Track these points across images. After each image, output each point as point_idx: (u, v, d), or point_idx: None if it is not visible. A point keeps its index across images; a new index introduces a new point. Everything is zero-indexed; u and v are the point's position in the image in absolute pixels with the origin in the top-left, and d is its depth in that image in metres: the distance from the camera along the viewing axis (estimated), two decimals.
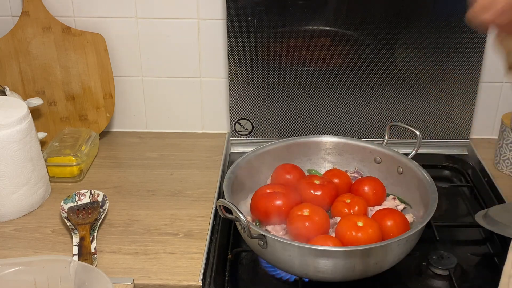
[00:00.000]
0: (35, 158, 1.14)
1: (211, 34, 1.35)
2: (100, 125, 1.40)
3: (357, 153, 1.21)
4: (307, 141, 1.23)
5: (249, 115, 1.41)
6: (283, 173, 1.16)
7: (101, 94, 1.38)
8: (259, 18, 1.30)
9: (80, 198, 1.15)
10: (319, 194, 1.08)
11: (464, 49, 1.32)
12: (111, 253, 1.04)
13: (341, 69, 1.35)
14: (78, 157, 1.25)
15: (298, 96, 1.38)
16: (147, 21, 1.35)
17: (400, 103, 1.38)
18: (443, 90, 1.37)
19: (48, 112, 1.39)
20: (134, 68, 1.40)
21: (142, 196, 1.21)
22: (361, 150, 1.20)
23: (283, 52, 1.34)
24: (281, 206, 1.04)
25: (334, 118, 1.40)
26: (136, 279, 0.98)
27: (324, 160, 1.23)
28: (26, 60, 1.34)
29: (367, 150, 1.20)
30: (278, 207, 1.04)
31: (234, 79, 1.37)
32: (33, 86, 1.36)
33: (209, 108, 1.44)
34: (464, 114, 1.39)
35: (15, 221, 1.13)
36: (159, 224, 1.12)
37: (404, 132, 1.19)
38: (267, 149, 1.19)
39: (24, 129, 1.09)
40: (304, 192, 1.09)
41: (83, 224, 1.08)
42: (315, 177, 1.13)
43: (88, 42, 1.33)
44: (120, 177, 1.28)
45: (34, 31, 1.32)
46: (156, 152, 1.39)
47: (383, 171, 1.18)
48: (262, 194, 1.07)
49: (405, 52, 1.33)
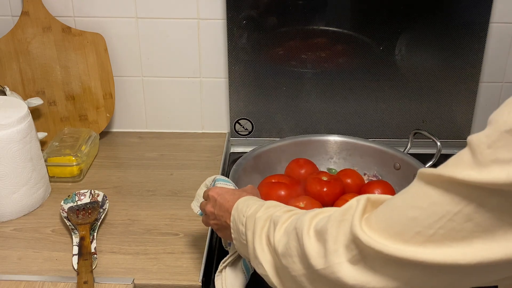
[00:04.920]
0: (35, 158, 1.14)
1: (211, 34, 1.35)
2: (100, 125, 1.40)
3: (378, 157, 1.21)
4: (329, 140, 1.26)
5: (249, 115, 1.41)
6: (296, 166, 1.19)
7: (101, 94, 1.38)
8: (259, 18, 1.30)
9: (80, 198, 1.15)
10: (324, 190, 1.10)
11: (464, 49, 1.32)
12: (111, 253, 1.04)
13: (341, 69, 1.35)
14: (78, 157, 1.25)
15: (298, 96, 1.38)
16: (147, 21, 1.35)
17: (400, 103, 1.38)
18: (443, 90, 1.37)
19: (48, 112, 1.39)
20: (134, 68, 1.40)
21: (142, 196, 1.21)
22: (382, 154, 1.21)
23: (283, 52, 1.34)
24: (282, 196, 1.07)
25: (334, 118, 1.40)
26: (136, 279, 0.98)
27: (345, 160, 1.24)
28: (26, 60, 1.34)
29: (387, 155, 1.20)
30: (279, 197, 1.06)
31: (234, 79, 1.37)
32: (33, 86, 1.36)
33: (209, 108, 1.44)
34: (464, 114, 1.39)
35: (15, 221, 1.13)
36: (159, 224, 1.12)
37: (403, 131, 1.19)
38: (286, 142, 1.25)
39: (24, 129, 1.09)
40: (310, 186, 1.11)
41: (83, 224, 1.08)
42: (324, 173, 1.14)
43: (88, 42, 1.33)
44: (120, 177, 1.28)
45: (34, 31, 1.32)
46: (156, 152, 1.39)
47: (401, 177, 1.18)
48: (267, 182, 1.12)
49: (406, 52, 1.33)
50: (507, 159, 0.47)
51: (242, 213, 0.78)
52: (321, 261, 0.61)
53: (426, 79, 1.36)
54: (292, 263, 0.66)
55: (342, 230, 0.60)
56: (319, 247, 0.62)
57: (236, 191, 0.87)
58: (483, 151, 0.49)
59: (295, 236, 0.66)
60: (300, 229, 0.65)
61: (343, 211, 0.61)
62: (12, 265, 1.01)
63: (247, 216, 0.76)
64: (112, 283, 0.96)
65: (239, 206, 0.80)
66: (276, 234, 0.70)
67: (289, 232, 0.68)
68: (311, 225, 0.65)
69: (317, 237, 0.63)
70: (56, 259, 1.02)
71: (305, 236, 0.64)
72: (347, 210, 0.61)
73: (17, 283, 0.96)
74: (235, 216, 0.79)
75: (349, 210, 0.61)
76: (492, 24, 1.31)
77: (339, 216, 0.61)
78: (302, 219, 0.66)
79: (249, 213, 0.77)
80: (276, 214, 0.73)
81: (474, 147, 0.50)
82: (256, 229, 0.74)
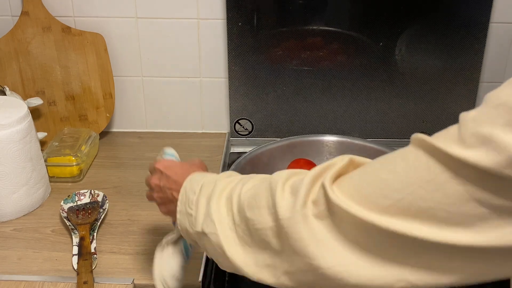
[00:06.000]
0: (35, 158, 1.14)
1: (211, 34, 1.35)
2: (100, 125, 1.40)
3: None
4: (329, 140, 1.26)
5: (249, 115, 1.41)
6: (296, 167, 1.19)
7: (101, 94, 1.38)
8: (259, 18, 1.30)
9: (80, 198, 1.15)
10: None
11: (464, 49, 1.32)
12: (111, 253, 1.04)
13: (341, 69, 1.35)
14: (78, 157, 1.25)
15: (298, 96, 1.38)
16: (147, 21, 1.35)
17: (400, 103, 1.38)
18: (443, 90, 1.37)
19: (48, 112, 1.39)
20: (134, 68, 1.40)
21: (142, 196, 1.20)
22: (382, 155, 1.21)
23: (283, 52, 1.34)
24: None
25: (334, 118, 1.40)
26: (136, 279, 0.98)
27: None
28: (26, 60, 1.34)
29: None
30: None
31: (234, 79, 1.37)
32: (33, 86, 1.36)
33: (209, 108, 1.44)
34: None
35: (15, 221, 1.13)
36: (159, 224, 1.12)
37: (403, 131, 1.19)
38: (287, 143, 1.24)
39: (24, 129, 1.09)
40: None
41: (83, 224, 1.08)
42: None
43: (88, 42, 1.33)
44: (120, 177, 1.28)
45: (34, 31, 1.32)
46: (156, 152, 1.37)
47: None
48: None
49: (406, 53, 1.33)
50: (486, 134, 0.46)
51: (197, 183, 0.74)
52: (288, 210, 0.59)
53: (426, 79, 1.36)
54: (259, 215, 0.63)
55: (316, 185, 0.59)
56: (290, 199, 0.60)
57: (185, 164, 0.84)
58: (466, 124, 0.48)
59: (267, 187, 0.64)
60: (275, 181, 0.63)
61: (323, 167, 0.60)
62: (12, 265, 1.01)
63: (203, 183, 0.73)
64: (112, 283, 0.96)
65: (193, 177, 0.77)
66: (244, 188, 0.67)
67: (259, 186, 0.66)
68: (288, 181, 0.63)
69: (291, 190, 0.61)
70: (56, 259, 1.02)
71: (279, 188, 0.62)
72: (328, 167, 0.60)
73: (17, 283, 0.96)
74: (187, 187, 0.75)
75: (329, 167, 0.60)
76: (492, 24, 1.31)
77: (318, 171, 0.60)
78: (280, 174, 0.65)
79: (206, 180, 0.74)
80: (248, 176, 0.71)
81: (461, 121, 0.49)
82: (215, 192, 0.70)
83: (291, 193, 0.61)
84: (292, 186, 0.61)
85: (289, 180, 0.63)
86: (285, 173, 0.65)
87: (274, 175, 0.65)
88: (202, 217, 0.71)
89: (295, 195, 0.59)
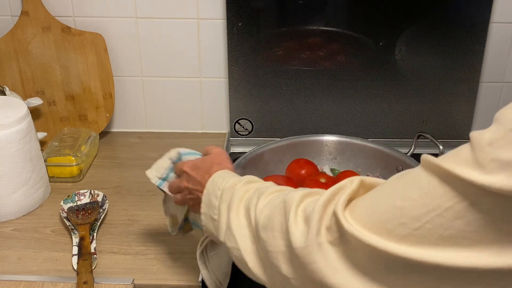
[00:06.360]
0: (35, 158, 1.14)
1: (211, 34, 1.35)
2: (100, 125, 1.40)
3: (382, 159, 1.21)
4: (329, 140, 1.26)
5: (249, 115, 1.40)
6: (296, 167, 1.19)
7: (101, 94, 1.38)
8: (259, 18, 1.30)
9: (80, 198, 1.15)
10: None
11: (464, 49, 1.32)
12: (111, 253, 1.04)
13: (341, 69, 1.35)
14: (77, 157, 1.24)
15: (298, 96, 1.38)
16: (147, 21, 1.35)
17: (400, 103, 1.38)
18: (443, 90, 1.37)
19: (47, 112, 1.39)
20: (134, 68, 1.40)
21: (142, 196, 1.21)
22: (385, 156, 1.21)
23: (283, 52, 1.34)
24: None
25: (334, 118, 1.40)
26: (136, 279, 0.97)
27: (349, 161, 1.24)
28: (26, 60, 1.34)
29: (390, 158, 1.20)
30: None
31: (234, 79, 1.37)
32: (33, 86, 1.36)
33: (209, 108, 1.44)
34: (464, 114, 1.39)
35: (15, 221, 1.13)
36: (159, 224, 1.12)
37: (403, 131, 1.19)
38: (286, 143, 1.25)
39: (24, 129, 1.09)
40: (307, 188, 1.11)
41: (82, 224, 1.07)
42: (323, 175, 1.14)
43: (88, 42, 1.33)
44: (120, 177, 1.28)
45: (34, 31, 1.32)
46: (156, 152, 1.38)
47: None
48: None
49: (406, 53, 1.33)
50: (507, 159, 0.45)
51: (218, 186, 0.75)
52: (302, 239, 0.58)
53: (426, 79, 1.36)
54: (272, 237, 0.63)
55: (328, 211, 0.58)
56: (304, 227, 0.59)
57: (207, 160, 0.84)
58: (483, 148, 0.47)
59: (281, 210, 0.63)
60: (289, 204, 0.63)
61: (333, 191, 0.59)
62: (11, 265, 1.01)
63: (223, 189, 0.74)
64: (112, 283, 0.96)
65: (215, 179, 0.77)
66: (259, 204, 0.67)
67: (274, 205, 0.65)
68: (301, 204, 0.62)
69: (304, 217, 0.60)
70: (55, 259, 1.02)
71: (292, 213, 0.61)
72: (338, 191, 0.59)
73: (16, 283, 0.96)
74: (210, 189, 0.76)
75: (340, 191, 0.59)
76: (492, 24, 1.31)
77: (329, 195, 0.59)
78: (294, 195, 0.64)
79: (226, 186, 0.74)
80: (264, 185, 0.71)
81: (474, 143, 0.48)
82: (234, 201, 0.71)
83: (304, 220, 0.60)
84: (305, 211, 0.61)
85: (302, 202, 0.63)
86: (299, 195, 0.64)
87: (288, 195, 0.65)
88: (224, 227, 0.72)
89: (308, 223, 0.59)
